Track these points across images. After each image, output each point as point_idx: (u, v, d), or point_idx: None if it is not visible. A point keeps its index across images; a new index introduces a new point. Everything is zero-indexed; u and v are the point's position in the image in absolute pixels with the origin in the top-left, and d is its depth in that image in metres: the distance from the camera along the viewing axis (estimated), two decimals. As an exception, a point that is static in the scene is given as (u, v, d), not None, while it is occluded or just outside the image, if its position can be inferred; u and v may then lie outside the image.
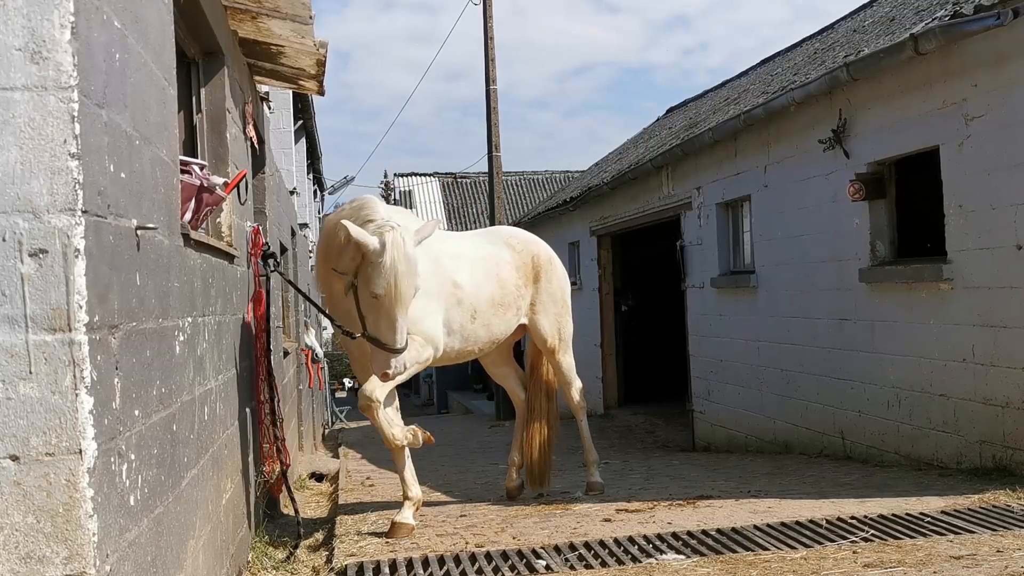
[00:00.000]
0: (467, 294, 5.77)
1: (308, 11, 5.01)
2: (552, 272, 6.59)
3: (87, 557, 2.26)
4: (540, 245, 6.67)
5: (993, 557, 4.11)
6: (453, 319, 5.72)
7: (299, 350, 11.75)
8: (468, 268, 5.87)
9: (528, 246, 6.52)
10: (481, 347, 6.08)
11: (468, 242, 6.26)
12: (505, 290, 6.09)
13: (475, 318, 5.84)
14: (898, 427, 7.59)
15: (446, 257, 5.75)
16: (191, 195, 4.00)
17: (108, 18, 2.59)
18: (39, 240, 2.25)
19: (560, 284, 6.65)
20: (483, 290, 5.89)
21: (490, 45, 18.52)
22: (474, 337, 5.91)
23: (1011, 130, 6.25)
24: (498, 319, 6.03)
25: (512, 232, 6.73)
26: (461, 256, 5.90)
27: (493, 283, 6.01)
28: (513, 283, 6.19)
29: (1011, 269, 6.27)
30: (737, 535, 4.90)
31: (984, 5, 6.14)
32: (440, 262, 5.67)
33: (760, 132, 9.68)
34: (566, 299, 6.72)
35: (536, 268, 6.44)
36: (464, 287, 5.77)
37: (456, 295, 5.72)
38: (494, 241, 6.40)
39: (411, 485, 5.68)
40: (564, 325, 6.68)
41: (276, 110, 14.28)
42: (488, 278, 5.99)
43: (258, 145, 6.66)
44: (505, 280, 6.13)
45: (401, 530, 5.37)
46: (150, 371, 2.87)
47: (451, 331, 5.74)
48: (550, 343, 6.60)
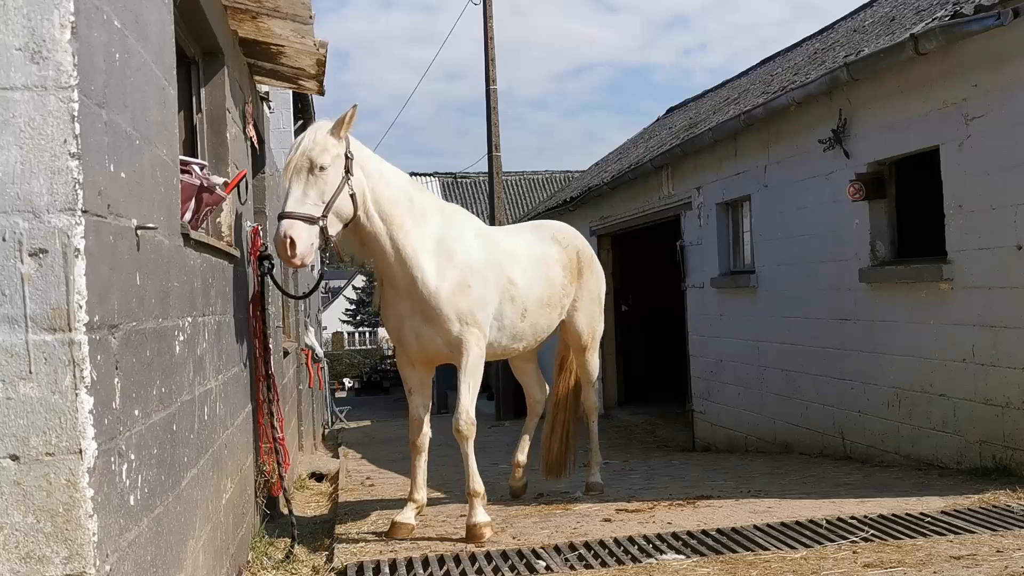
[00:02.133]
0: (520, 292, 5.69)
1: (308, 11, 5.01)
2: (593, 269, 6.54)
3: (87, 557, 2.26)
4: (584, 241, 6.60)
5: (993, 557, 4.11)
6: (505, 315, 5.61)
7: (299, 350, 11.74)
8: (521, 266, 5.78)
9: (573, 241, 6.44)
10: (526, 345, 5.99)
11: (520, 239, 6.10)
12: (552, 290, 6.02)
13: (524, 317, 5.74)
14: (898, 427, 7.59)
15: (502, 253, 5.67)
16: (191, 195, 4.00)
17: (108, 18, 2.59)
18: (39, 240, 2.26)
19: (598, 282, 6.61)
20: (533, 289, 5.82)
21: (490, 45, 18.52)
22: (521, 335, 5.81)
23: (1011, 130, 6.25)
24: (544, 319, 5.97)
25: (558, 227, 6.56)
26: (515, 254, 5.81)
27: (543, 283, 5.93)
28: (560, 283, 6.12)
29: (1011, 269, 6.27)
30: (737, 535, 4.90)
31: (984, 5, 6.14)
32: (498, 257, 5.60)
33: (760, 132, 9.68)
34: (602, 297, 6.68)
35: (580, 264, 6.37)
36: (518, 285, 5.68)
37: (510, 292, 5.62)
38: (543, 237, 6.26)
39: (420, 488, 5.60)
40: (598, 324, 6.63)
41: (276, 110, 14.26)
42: (539, 277, 5.91)
43: (258, 145, 6.66)
44: (553, 280, 6.05)
45: (401, 529, 5.34)
46: (150, 371, 2.87)
47: (501, 327, 5.62)
48: (584, 340, 6.52)
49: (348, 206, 4.88)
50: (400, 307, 5.32)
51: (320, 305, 23.60)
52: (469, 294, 5.29)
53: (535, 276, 5.87)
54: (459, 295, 5.24)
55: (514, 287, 5.64)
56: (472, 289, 5.30)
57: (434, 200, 5.61)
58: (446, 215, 5.48)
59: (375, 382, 46.62)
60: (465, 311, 5.27)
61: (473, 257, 5.38)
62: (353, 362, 53.08)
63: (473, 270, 5.34)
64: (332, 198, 4.77)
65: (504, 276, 5.58)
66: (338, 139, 4.85)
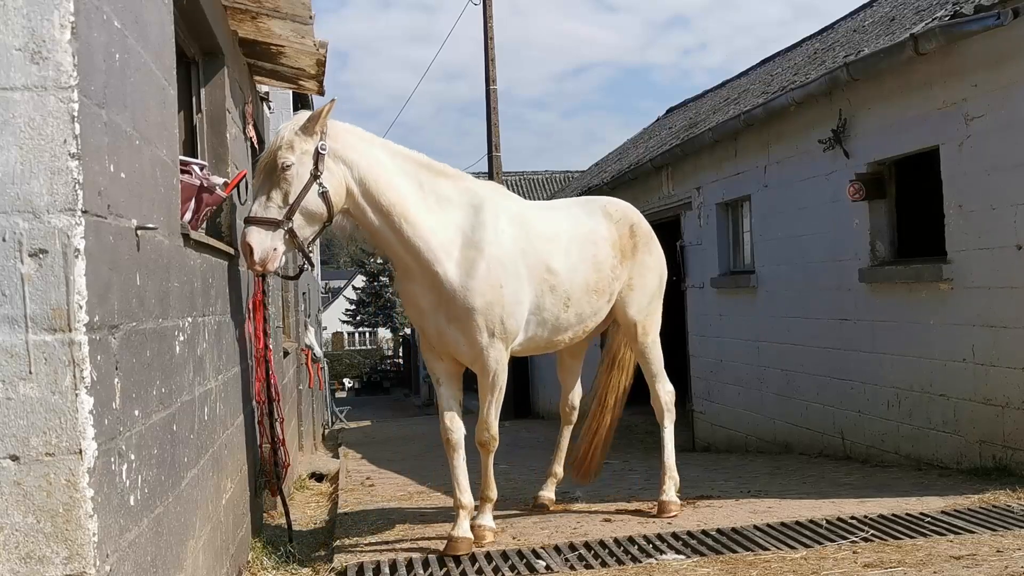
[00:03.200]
0: (561, 280, 5.14)
1: (308, 11, 5.01)
2: (651, 246, 5.83)
3: (87, 557, 2.26)
4: (639, 215, 5.90)
5: (993, 557, 4.11)
6: (545, 307, 5.09)
7: (299, 350, 11.75)
8: (563, 250, 5.20)
9: (627, 215, 5.76)
10: (572, 337, 5.43)
11: (564, 217, 5.48)
12: (601, 274, 5.40)
13: (568, 306, 5.20)
14: (898, 427, 7.59)
15: (540, 239, 5.11)
16: (191, 195, 4.00)
17: (108, 18, 2.59)
18: (39, 240, 2.26)
19: (657, 261, 5.87)
20: (578, 274, 5.23)
21: (490, 45, 18.52)
22: (564, 326, 5.27)
23: (1011, 130, 6.26)
24: (590, 307, 5.36)
25: (609, 200, 5.90)
26: (556, 237, 5.22)
27: (589, 266, 5.32)
28: (610, 264, 5.46)
29: (1011, 269, 6.27)
30: (737, 535, 4.90)
31: (984, 5, 6.14)
32: (534, 244, 5.05)
33: (760, 132, 9.68)
34: (662, 277, 5.92)
35: (634, 241, 5.69)
36: (559, 273, 5.12)
37: (549, 281, 5.08)
38: (591, 212, 5.62)
39: (464, 491, 4.96)
40: (655, 310, 5.87)
41: (276, 110, 14.25)
42: (584, 260, 5.30)
43: (258, 145, 6.66)
44: (602, 262, 5.41)
45: (461, 544, 4.76)
46: (150, 371, 2.87)
47: (541, 321, 5.12)
48: (639, 327, 5.73)
49: (319, 206, 4.46)
50: (423, 301, 4.85)
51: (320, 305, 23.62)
52: (501, 296, 4.78)
53: (580, 259, 5.28)
54: (490, 296, 4.75)
55: (554, 276, 5.10)
56: (504, 290, 4.79)
57: (459, 182, 4.98)
58: (475, 199, 4.90)
59: (375, 382, 46.70)
60: (495, 320, 4.78)
61: (505, 249, 4.85)
62: (353, 362, 53.14)
63: (504, 265, 4.81)
64: (296, 200, 4.38)
65: (542, 265, 5.06)
66: (309, 135, 4.44)
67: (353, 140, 4.64)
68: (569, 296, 5.18)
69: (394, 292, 56.38)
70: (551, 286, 5.09)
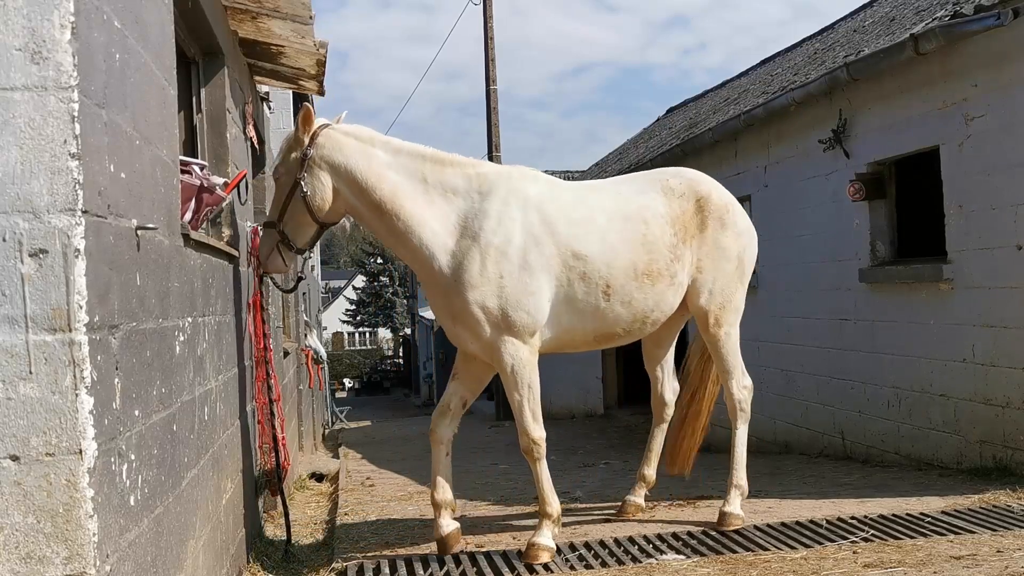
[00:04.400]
0: (595, 266, 4.69)
1: (308, 11, 5.01)
2: (728, 220, 5.17)
3: (87, 557, 2.25)
4: (712, 186, 5.27)
5: (993, 557, 4.11)
6: (577, 296, 4.69)
7: (299, 350, 11.75)
8: (599, 232, 4.75)
9: (694, 187, 5.15)
10: (626, 327, 4.92)
11: (607, 196, 5.01)
12: (654, 255, 4.85)
13: (609, 295, 4.74)
14: (898, 427, 7.59)
15: (564, 223, 4.69)
16: (191, 195, 4.00)
17: (108, 18, 2.59)
18: (39, 240, 2.26)
19: (736, 238, 5.21)
20: (620, 258, 4.76)
21: (490, 45, 18.52)
22: (613, 317, 4.81)
23: (1011, 130, 6.26)
24: (644, 293, 4.83)
25: (674, 172, 5.33)
26: (588, 219, 4.77)
27: (635, 248, 4.81)
28: (667, 244, 4.91)
29: (1011, 269, 6.27)
30: (737, 535, 4.90)
31: (984, 5, 6.15)
32: (554, 228, 4.66)
33: (760, 132, 9.68)
34: (743, 259, 5.26)
35: (703, 215, 5.09)
36: (590, 258, 4.68)
37: (578, 268, 4.66)
38: (643, 188, 5.09)
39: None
40: (733, 292, 5.21)
41: (276, 110, 14.25)
42: (627, 242, 4.80)
43: (258, 145, 6.66)
44: (655, 242, 4.87)
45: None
46: (150, 371, 2.87)
47: (578, 311, 4.73)
48: (711, 313, 5.16)
49: (300, 210, 4.58)
50: (431, 297, 4.78)
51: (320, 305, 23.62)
52: (500, 287, 4.51)
53: (621, 241, 4.79)
54: (486, 288, 4.50)
55: (584, 262, 4.67)
56: (504, 280, 4.50)
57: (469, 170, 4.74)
58: (484, 186, 4.67)
59: (375, 382, 46.71)
60: (495, 313, 4.51)
61: (508, 237, 4.54)
62: (353, 362, 53.17)
63: (505, 254, 4.52)
64: (283, 204, 4.62)
65: (566, 250, 4.65)
66: (298, 143, 4.57)
67: (345, 142, 4.61)
68: (608, 283, 4.72)
69: (394, 292, 56.50)
70: (582, 273, 4.67)
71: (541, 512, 4.74)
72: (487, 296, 4.50)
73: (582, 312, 4.74)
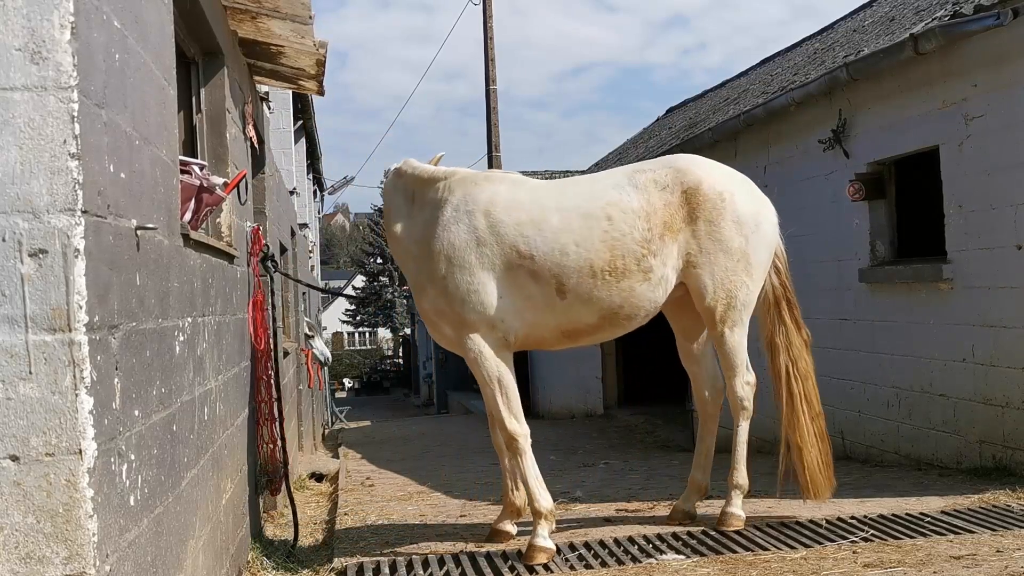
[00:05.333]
0: (543, 264, 4.69)
1: (308, 11, 5.01)
2: (722, 209, 4.89)
3: (87, 557, 2.25)
4: (706, 173, 4.98)
5: (993, 557, 4.11)
6: (531, 294, 4.73)
7: (299, 350, 11.75)
8: (549, 231, 4.73)
9: (680, 176, 4.90)
10: (592, 324, 4.86)
11: (568, 193, 4.94)
12: (617, 251, 4.73)
13: (564, 292, 4.72)
14: (898, 427, 7.59)
15: (509, 226, 4.73)
16: (191, 195, 4.00)
17: (108, 18, 2.59)
18: (39, 240, 2.26)
19: (737, 228, 4.92)
20: (572, 257, 4.70)
21: (490, 45, 18.53)
22: (574, 314, 4.79)
23: (1011, 130, 6.26)
24: (607, 291, 4.74)
25: (665, 162, 5.10)
26: (539, 219, 4.76)
27: (593, 246, 4.72)
28: (636, 239, 4.75)
29: (1011, 269, 6.27)
30: (737, 535, 4.90)
31: (984, 5, 6.15)
32: (498, 231, 4.72)
33: (760, 132, 9.68)
34: (746, 250, 4.95)
35: (691, 205, 4.86)
36: (536, 257, 4.69)
37: (525, 267, 4.70)
38: (620, 182, 4.94)
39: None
40: (736, 287, 4.97)
41: (276, 110, 14.28)
42: (583, 240, 4.72)
43: (258, 145, 6.66)
44: (620, 239, 4.73)
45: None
46: (150, 371, 2.87)
47: (536, 308, 4.76)
48: (711, 310, 4.98)
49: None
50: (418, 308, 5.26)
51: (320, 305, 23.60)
52: (444, 287, 4.71)
53: (576, 239, 4.73)
54: (432, 291, 4.76)
55: (530, 260, 4.70)
56: (447, 281, 4.70)
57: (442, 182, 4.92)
58: (443, 195, 4.86)
59: (375, 382, 46.68)
60: (446, 309, 4.73)
61: (450, 242, 4.72)
62: (353, 362, 53.14)
63: (448, 257, 4.70)
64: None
65: (511, 251, 4.70)
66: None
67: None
68: (561, 281, 4.72)
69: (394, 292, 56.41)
70: (530, 271, 4.71)
71: (532, 511, 4.74)
72: (437, 297, 4.77)
73: (541, 309, 4.79)
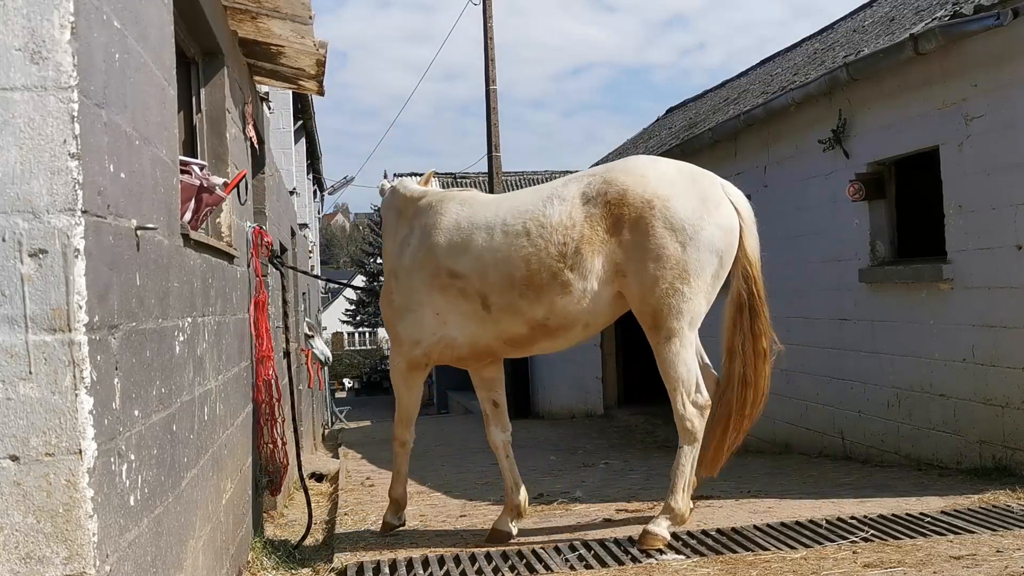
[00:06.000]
0: (470, 282, 4.85)
1: (308, 11, 5.01)
2: (650, 217, 4.60)
3: (87, 557, 2.25)
4: (632, 180, 4.72)
5: (993, 557, 4.11)
6: (465, 311, 4.90)
7: (299, 350, 11.75)
8: (475, 251, 4.85)
9: (607, 187, 4.71)
10: (524, 335, 4.89)
11: (496, 212, 4.95)
12: (534, 266, 4.69)
13: (490, 307, 4.82)
14: (898, 427, 7.59)
15: (442, 248, 4.96)
16: (191, 195, 4.00)
17: (108, 18, 2.59)
18: (39, 240, 2.25)
19: (671, 235, 4.59)
20: (493, 274, 4.78)
21: (490, 45, 18.52)
22: (505, 325, 4.86)
23: (1011, 130, 6.26)
24: (529, 303, 4.75)
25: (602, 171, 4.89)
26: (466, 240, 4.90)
27: (512, 262, 4.74)
28: (553, 254, 4.67)
29: (1011, 269, 6.27)
30: (737, 535, 4.90)
31: (984, 5, 6.15)
32: (434, 253, 4.98)
33: (760, 132, 9.68)
34: (682, 257, 4.60)
35: (616, 215, 4.64)
36: (464, 275, 4.86)
37: (456, 285, 4.88)
38: (550, 195, 4.85)
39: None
40: (668, 296, 4.61)
41: (276, 110, 14.28)
42: (503, 257, 4.77)
43: (258, 145, 6.66)
44: (536, 253, 4.70)
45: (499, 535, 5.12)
46: (150, 371, 2.87)
47: (473, 321, 4.91)
48: (639, 314, 4.75)
49: None
50: None
51: (320, 305, 23.61)
52: (390, 304, 5.22)
53: (496, 257, 4.80)
54: (385, 308, 5.28)
55: (460, 279, 4.87)
56: (394, 296, 5.19)
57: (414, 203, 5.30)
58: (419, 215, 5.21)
59: (375, 382, 46.66)
60: (388, 322, 5.30)
61: (401, 264, 5.16)
62: (353, 362, 53.10)
63: (397, 276, 5.17)
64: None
65: (443, 271, 4.92)
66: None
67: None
68: (486, 297, 4.83)
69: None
70: (459, 289, 4.90)
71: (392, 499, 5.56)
72: (386, 314, 5.28)
73: (475, 322, 4.96)
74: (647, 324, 4.75)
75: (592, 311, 4.79)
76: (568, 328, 4.88)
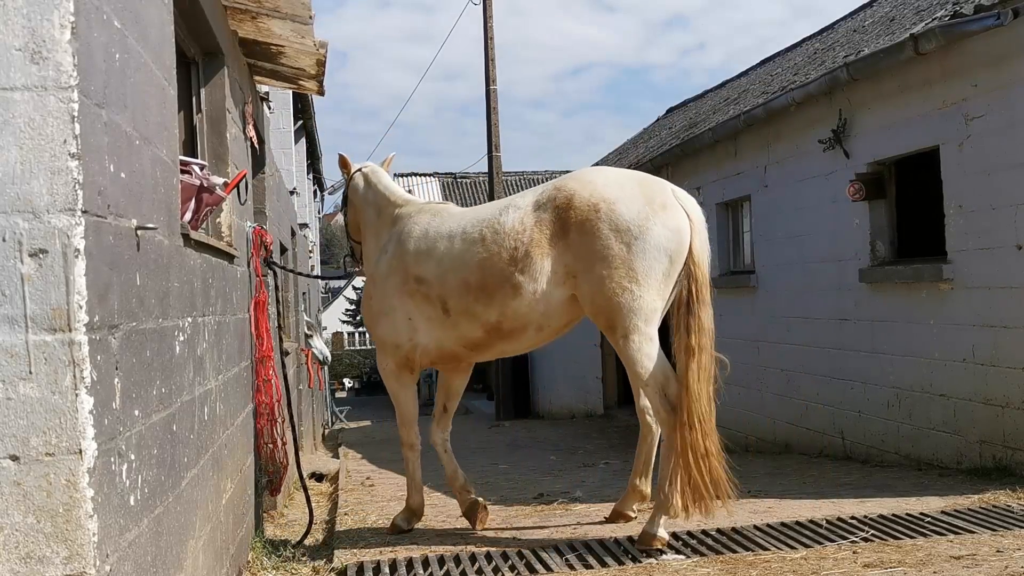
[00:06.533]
0: (432, 287, 5.09)
1: (308, 11, 5.01)
2: (596, 220, 4.66)
3: (87, 557, 2.25)
4: (580, 185, 4.81)
5: (993, 557, 4.11)
6: (431, 315, 5.14)
7: (299, 350, 11.74)
8: (436, 258, 5.09)
9: (556, 193, 4.83)
10: (480, 339, 5.06)
11: (459, 221, 5.17)
12: (487, 271, 4.87)
13: (449, 311, 5.04)
14: (898, 427, 7.59)
15: (411, 255, 5.20)
16: (191, 195, 4.00)
17: (108, 18, 2.59)
18: (39, 240, 2.25)
19: (616, 236, 4.64)
20: (451, 279, 5.01)
21: (490, 45, 18.52)
22: (464, 329, 5.06)
23: (1011, 130, 6.26)
24: (484, 307, 4.92)
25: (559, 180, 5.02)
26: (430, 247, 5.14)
27: (468, 267, 4.94)
28: (505, 258, 4.82)
29: (1011, 269, 6.27)
30: (737, 535, 4.90)
31: (984, 5, 6.15)
32: (404, 260, 5.23)
33: (760, 132, 9.68)
34: (628, 257, 4.62)
35: (563, 220, 4.75)
36: (428, 281, 5.10)
37: (422, 291, 5.13)
38: (508, 204, 5.04)
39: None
40: (617, 294, 4.63)
41: (276, 110, 14.27)
42: (461, 264, 4.97)
43: (258, 145, 6.66)
44: (489, 258, 4.87)
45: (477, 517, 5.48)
46: (150, 371, 2.87)
47: (437, 326, 5.15)
48: (593, 314, 4.81)
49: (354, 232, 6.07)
50: None
51: (320, 305, 23.60)
52: (369, 308, 5.47)
53: (455, 264, 5.00)
54: (365, 312, 5.54)
55: (425, 285, 5.11)
56: (372, 301, 5.44)
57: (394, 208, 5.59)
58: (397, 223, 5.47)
59: (375, 382, 46.58)
60: (369, 326, 5.53)
61: (379, 270, 5.39)
62: (353, 362, 53.07)
63: (375, 282, 5.41)
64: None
65: (410, 277, 5.17)
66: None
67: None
68: (445, 301, 5.06)
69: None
70: (425, 295, 5.16)
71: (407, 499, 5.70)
72: (366, 318, 5.50)
73: (440, 326, 5.18)
74: (602, 325, 4.79)
75: (545, 313, 4.90)
76: (522, 331, 5.01)
